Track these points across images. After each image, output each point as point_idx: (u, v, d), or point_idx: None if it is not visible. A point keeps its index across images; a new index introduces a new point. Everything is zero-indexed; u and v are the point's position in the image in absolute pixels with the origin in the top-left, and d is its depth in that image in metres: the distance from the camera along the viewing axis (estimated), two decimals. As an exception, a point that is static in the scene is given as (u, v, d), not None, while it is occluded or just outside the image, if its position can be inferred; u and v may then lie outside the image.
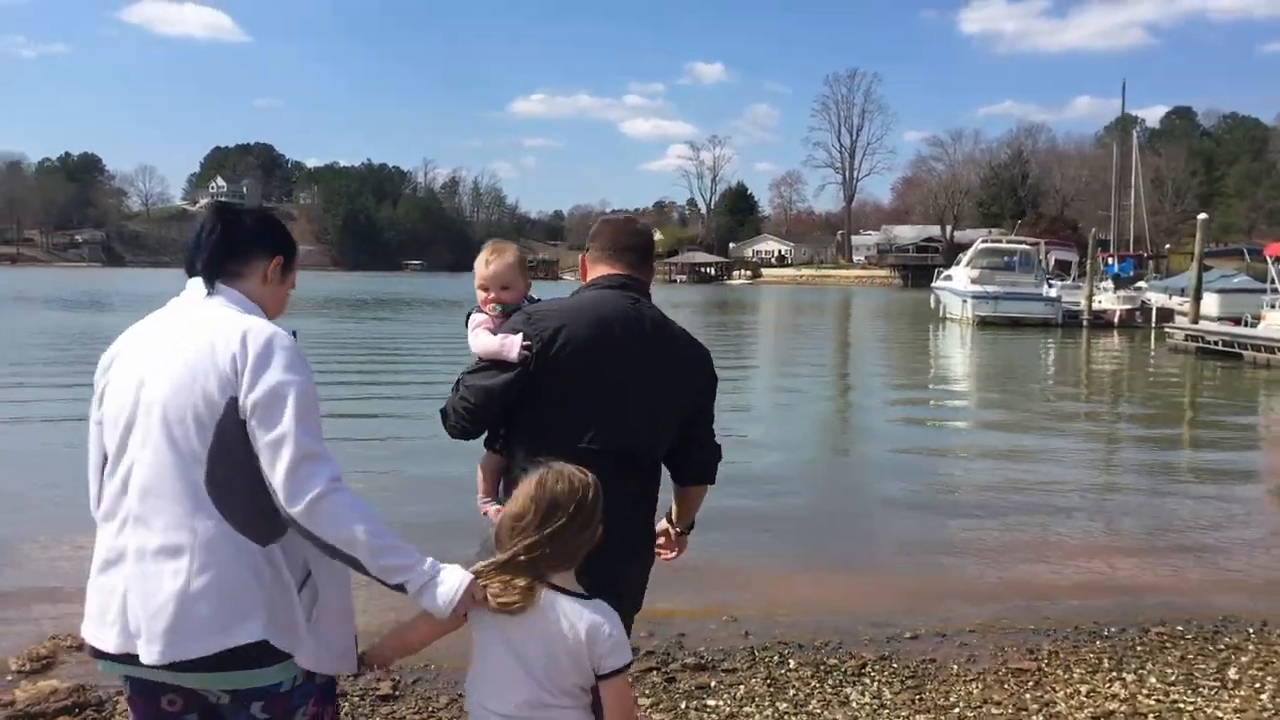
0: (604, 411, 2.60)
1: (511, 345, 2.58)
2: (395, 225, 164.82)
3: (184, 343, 2.13)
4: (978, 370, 26.72)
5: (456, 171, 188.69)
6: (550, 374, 2.58)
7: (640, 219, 3.13)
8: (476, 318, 2.87)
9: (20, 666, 5.00)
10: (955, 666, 5.48)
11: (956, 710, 4.86)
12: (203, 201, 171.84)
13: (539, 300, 2.93)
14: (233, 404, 2.06)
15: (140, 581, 2.05)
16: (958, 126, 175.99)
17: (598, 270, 2.83)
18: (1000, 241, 49.38)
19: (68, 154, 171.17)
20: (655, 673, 5.25)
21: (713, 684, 5.12)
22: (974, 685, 5.21)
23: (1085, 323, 39.95)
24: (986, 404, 19.27)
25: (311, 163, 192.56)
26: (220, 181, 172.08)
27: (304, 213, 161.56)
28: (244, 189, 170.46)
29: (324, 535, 2.05)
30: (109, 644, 2.09)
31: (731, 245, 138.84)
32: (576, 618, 2.19)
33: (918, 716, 4.78)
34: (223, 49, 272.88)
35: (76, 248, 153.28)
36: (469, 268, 3.09)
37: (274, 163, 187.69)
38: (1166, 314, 37.71)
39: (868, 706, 4.88)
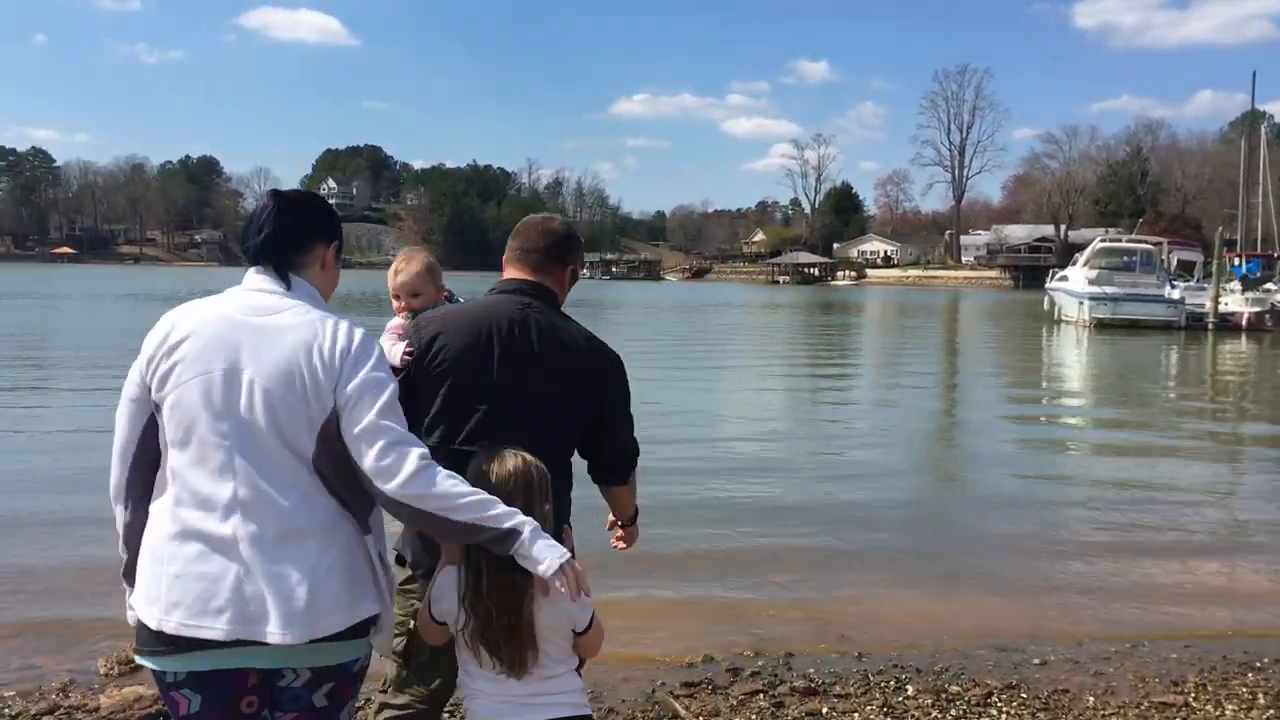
0: (479, 416, 2.65)
1: (395, 353, 2.69)
2: (500, 225, 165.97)
3: (278, 335, 2.17)
4: (1096, 374, 25.57)
5: (560, 172, 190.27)
6: (425, 379, 2.67)
7: (559, 217, 3.09)
8: (389, 323, 2.99)
9: (108, 669, 4.88)
10: (1091, 699, 5.01)
11: (1097, 750, 4.41)
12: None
13: (452, 303, 3.06)
14: (333, 397, 2.16)
15: (265, 565, 2.10)
16: (1072, 123, 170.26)
17: (507, 273, 2.88)
18: (1120, 240, 47.50)
19: (187, 157, 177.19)
20: (762, 696, 4.91)
21: (824, 710, 4.76)
22: (1114, 721, 4.74)
23: (1211, 326, 38.09)
24: (1106, 408, 18.31)
25: (419, 164, 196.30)
26: (331, 183, 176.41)
27: (410, 214, 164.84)
28: (354, 190, 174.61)
29: (425, 505, 2.15)
30: (217, 631, 2.09)
31: (836, 245, 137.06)
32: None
33: (1052, 755, 4.34)
34: (333, 52, 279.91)
35: (196, 247, 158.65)
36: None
37: (382, 164, 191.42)
38: (1299, 317, 35.76)
39: (997, 743, 4.46)
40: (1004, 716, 4.75)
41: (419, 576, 2.71)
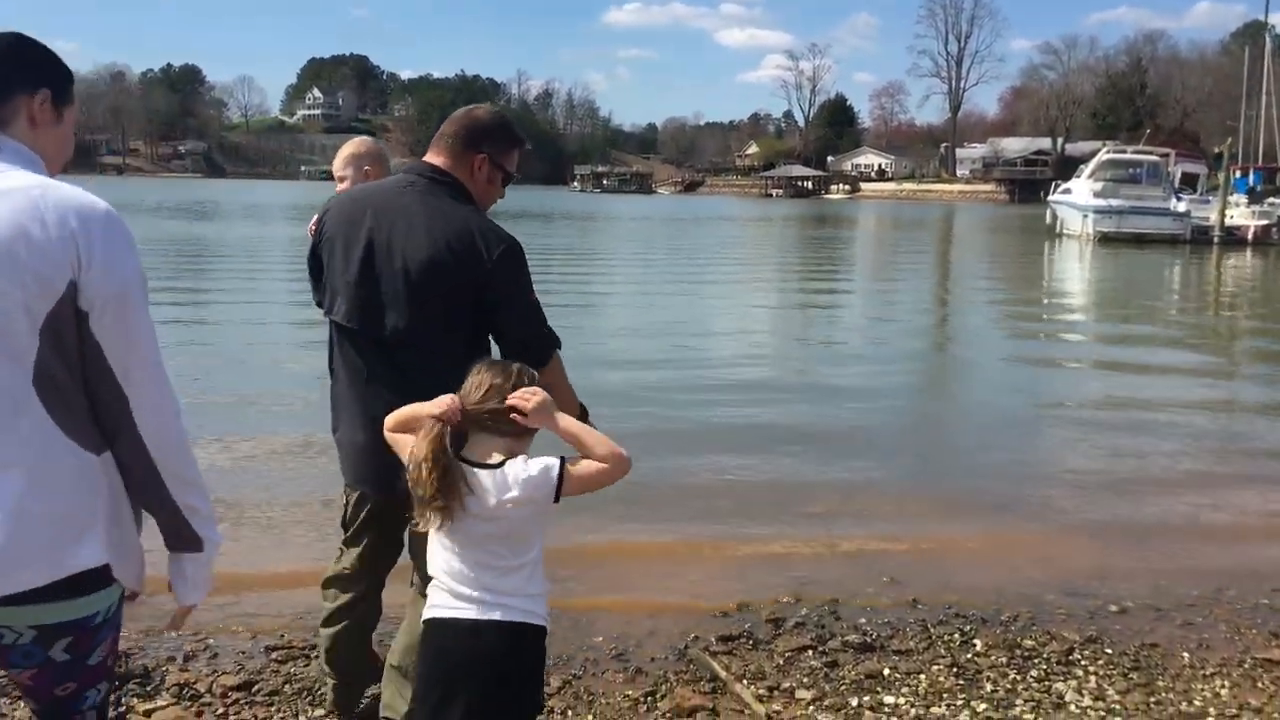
0: (353, 291, 2.73)
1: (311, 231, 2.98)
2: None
3: None
4: (1110, 289, 24.84)
5: (550, 83, 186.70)
6: (317, 256, 2.92)
7: (490, 107, 3.06)
8: None
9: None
10: (1186, 655, 4.38)
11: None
12: (300, 114, 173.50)
13: None
14: (72, 291, 1.70)
15: None
16: (1071, 33, 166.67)
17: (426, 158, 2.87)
18: (1126, 152, 46.40)
19: (169, 65, 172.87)
20: (812, 653, 4.27)
21: (885, 672, 4.11)
22: (1218, 683, 4.11)
23: (1217, 240, 37.35)
24: (1141, 324, 17.60)
25: (406, 74, 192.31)
26: (317, 93, 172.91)
27: (398, 124, 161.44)
28: (340, 101, 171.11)
29: (165, 463, 1.83)
30: None
31: (830, 159, 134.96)
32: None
33: (1159, 728, 3.73)
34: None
35: (180, 159, 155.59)
36: (562, 181, 2.92)
37: (368, 74, 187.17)
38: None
39: (1092, 712, 3.83)
40: (1093, 678, 4.11)
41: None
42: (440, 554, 2.23)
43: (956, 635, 4.50)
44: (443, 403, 2.18)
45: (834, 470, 7.29)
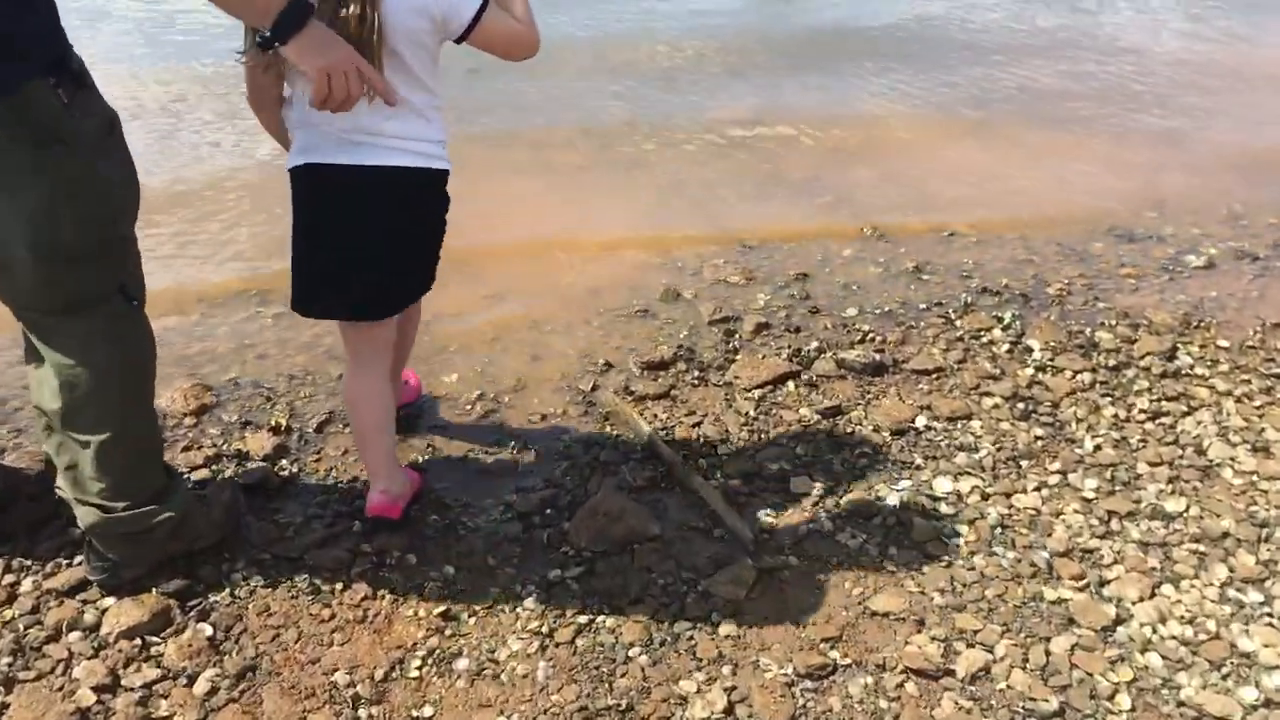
0: None
1: None
2: None
3: None
4: None
5: None
6: None
7: None
8: None
9: None
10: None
11: None
12: None
13: None
14: None
15: None
16: None
17: None
18: None
19: None
20: (793, 382, 2.67)
21: (924, 389, 2.57)
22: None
23: None
24: None
25: None
26: None
27: None
28: None
29: None
30: None
31: None
32: None
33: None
34: None
35: None
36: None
37: None
38: None
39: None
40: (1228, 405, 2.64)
41: None
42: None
43: (996, 330, 2.94)
44: None
45: (768, 52, 5.42)
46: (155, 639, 1.86)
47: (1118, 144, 4.47)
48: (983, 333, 2.92)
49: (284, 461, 2.35)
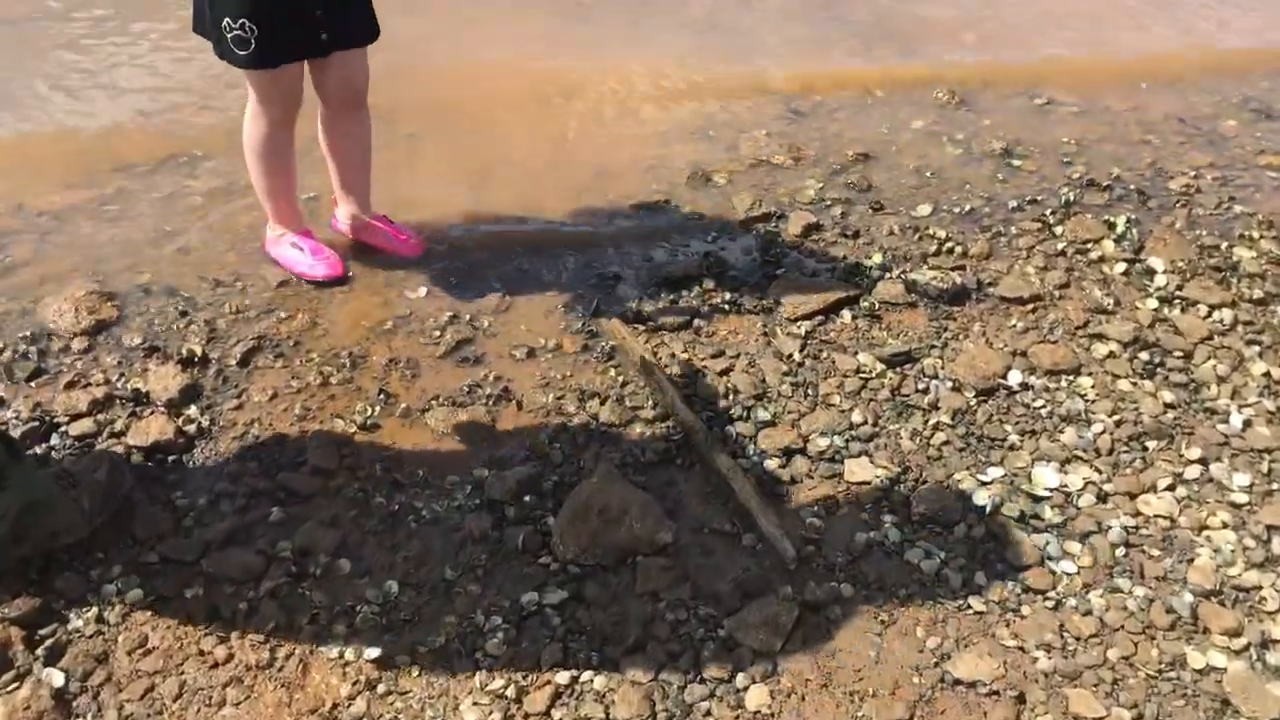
0: None
1: None
2: None
3: None
4: None
5: None
6: None
7: None
8: None
9: None
10: None
11: None
12: None
13: None
14: None
15: None
16: None
17: None
18: None
19: None
20: (851, 310, 2.10)
21: (1017, 326, 2.00)
22: None
23: None
24: None
25: None
26: None
27: None
28: None
29: None
30: None
31: None
32: None
33: None
34: None
35: None
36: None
37: None
38: None
39: None
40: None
41: None
42: None
43: (1107, 242, 2.33)
44: None
45: None
46: (-17, 693, 1.38)
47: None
48: (1090, 245, 2.31)
49: (193, 409, 1.82)
